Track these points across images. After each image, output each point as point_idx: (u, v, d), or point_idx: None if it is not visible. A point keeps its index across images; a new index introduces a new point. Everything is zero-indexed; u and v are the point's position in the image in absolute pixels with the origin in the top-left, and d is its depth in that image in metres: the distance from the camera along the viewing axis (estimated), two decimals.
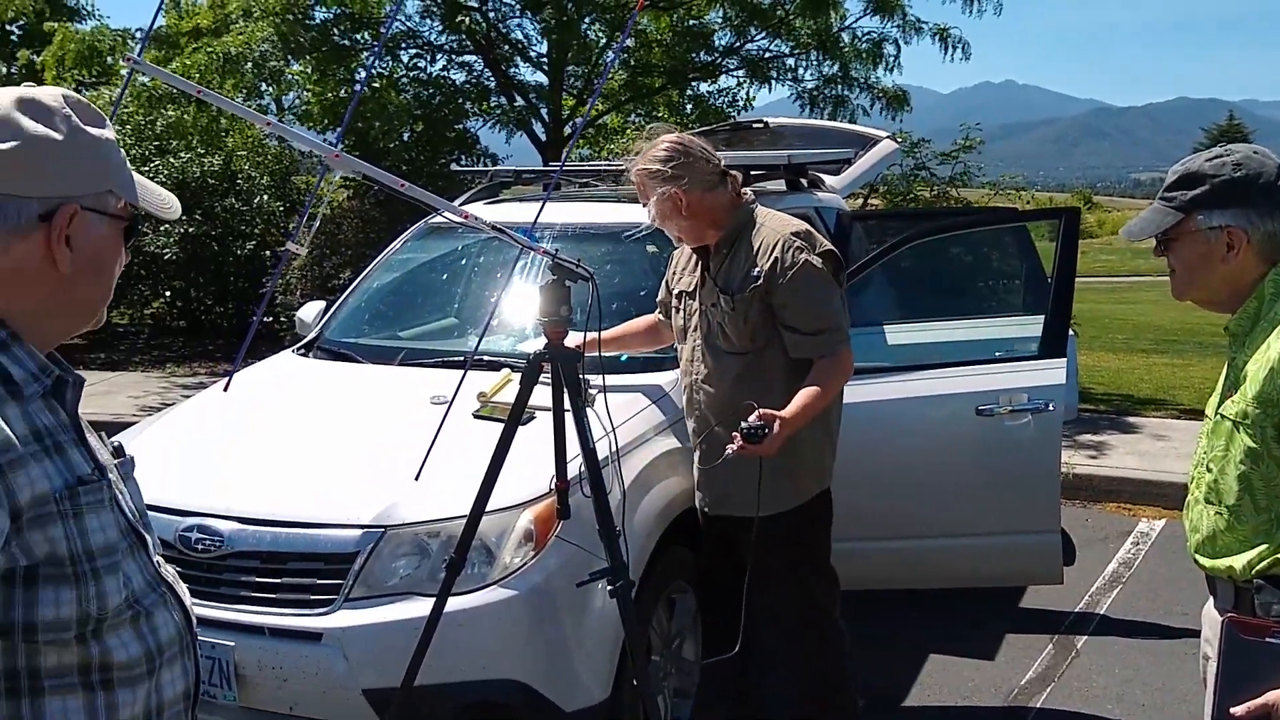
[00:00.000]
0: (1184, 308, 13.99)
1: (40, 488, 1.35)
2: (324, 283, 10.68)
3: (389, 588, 3.22)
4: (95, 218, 1.47)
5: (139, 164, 11.35)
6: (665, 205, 3.43)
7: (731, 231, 3.49)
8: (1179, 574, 5.58)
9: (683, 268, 3.71)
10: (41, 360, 1.44)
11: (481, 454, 3.11)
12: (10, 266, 1.42)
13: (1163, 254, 2.32)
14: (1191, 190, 2.22)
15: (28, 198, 1.41)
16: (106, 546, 1.42)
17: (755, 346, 3.44)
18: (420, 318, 4.96)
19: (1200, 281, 2.27)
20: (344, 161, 2.72)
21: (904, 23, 11.29)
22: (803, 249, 3.40)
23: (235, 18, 10.48)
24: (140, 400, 9.17)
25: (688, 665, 3.90)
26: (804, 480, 3.49)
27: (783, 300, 3.38)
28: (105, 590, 1.40)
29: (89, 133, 1.47)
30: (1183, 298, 2.34)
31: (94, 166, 1.48)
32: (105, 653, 1.41)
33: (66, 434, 1.44)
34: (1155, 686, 4.49)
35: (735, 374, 3.45)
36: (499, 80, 12.05)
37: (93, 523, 1.40)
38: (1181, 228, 2.24)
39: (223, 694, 3.24)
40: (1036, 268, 4.98)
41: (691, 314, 3.59)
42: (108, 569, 1.41)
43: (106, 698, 1.41)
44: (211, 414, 4.13)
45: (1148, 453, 7.68)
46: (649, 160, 3.46)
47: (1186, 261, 2.26)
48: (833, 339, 3.39)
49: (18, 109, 1.42)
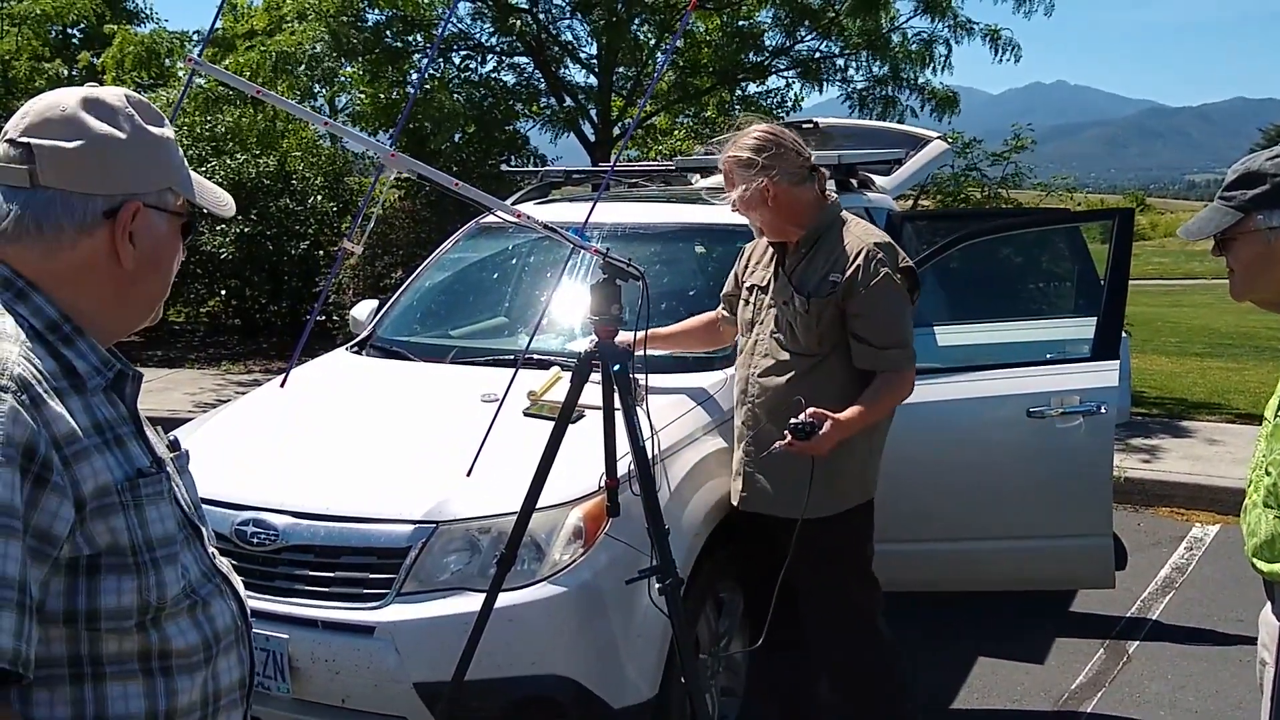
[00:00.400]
0: (1239, 311, 13.74)
1: (103, 479, 1.38)
2: (376, 282, 10.79)
3: (440, 583, 3.25)
4: (156, 214, 1.51)
5: (196, 164, 11.53)
6: (753, 196, 3.37)
7: (813, 231, 3.44)
8: (1233, 580, 5.51)
9: (756, 261, 3.66)
10: (104, 354, 1.48)
11: (532, 451, 3.13)
12: (77, 262, 1.46)
13: (1220, 254, 2.28)
14: (1252, 189, 2.19)
15: (93, 195, 1.45)
16: (165, 537, 1.45)
17: (822, 351, 3.40)
18: (471, 316, 5.01)
19: (1260, 282, 2.24)
20: (399, 161, 2.76)
21: (954, 23, 11.21)
22: (885, 262, 3.35)
23: (290, 19, 10.62)
24: (196, 397, 9.32)
25: (735, 664, 3.91)
26: (846, 488, 3.45)
27: (857, 310, 3.34)
28: (164, 580, 1.44)
29: (151, 131, 1.51)
30: (1241, 298, 2.31)
31: (155, 164, 1.52)
32: (164, 640, 1.44)
33: (126, 427, 1.47)
34: (1209, 693, 4.44)
35: (797, 375, 3.42)
36: (549, 81, 12.11)
37: (152, 514, 1.44)
38: (1240, 227, 2.20)
39: (276, 686, 3.29)
40: (1089, 269, 4.93)
41: (761, 309, 3.55)
42: (167, 559, 1.45)
43: (166, 684, 1.45)
44: (267, 410, 4.20)
45: (1201, 457, 7.58)
46: (740, 148, 3.39)
47: (1245, 262, 2.23)
48: (900, 357, 3.36)
49: (84, 109, 1.46)
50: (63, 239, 1.45)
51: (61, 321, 1.45)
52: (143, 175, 1.49)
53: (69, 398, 1.40)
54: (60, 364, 1.43)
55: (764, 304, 3.54)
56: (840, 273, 3.36)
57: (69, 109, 1.46)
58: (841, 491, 3.43)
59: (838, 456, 3.29)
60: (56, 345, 1.44)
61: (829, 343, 3.40)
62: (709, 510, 3.62)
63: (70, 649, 1.38)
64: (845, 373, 3.40)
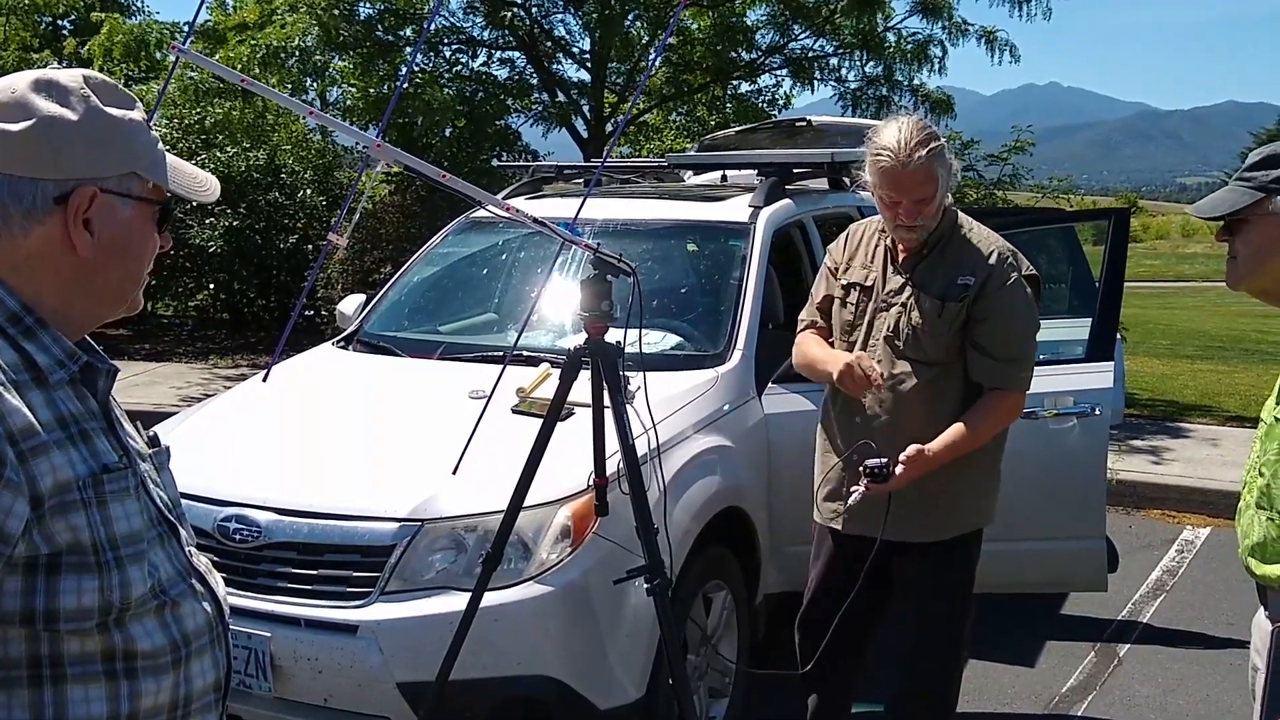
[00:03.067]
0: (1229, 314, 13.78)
1: (63, 475, 1.33)
2: (365, 276, 10.73)
3: (425, 581, 3.21)
4: (118, 200, 1.44)
5: (185, 157, 11.43)
6: (945, 185, 3.12)
7: (938, 232, 3.22)
8: (1224, 583, 5.48)
9: (851, 257, 3.37)
10: (68, 346, 1.42)
11: (520, 449, 3.08)
12: (30, 251, 1.40)
13: (1226, 238, 2.25)
14: (1275, 170, 2.18)
15: (43, 179, 1.38)
16: (130, 535, 1.40)
17: (949, 359, 3.19)
18: (460, 312, 4.96)
19: (1266, 268, 2.21)
20: (386, 152, 2.71)
21: (950, 24, 11.18)
22: (1015, 267, 3.18)
23: (280, 11, 10.55)
24: (182, 391, 9.25)
25: (723, 665, 3.87)
26: (964, 513, 3.29)
27: (984, 314, 3.14)
28: (129, 579, 1.38)
29: (109, 114, 1.44)
30: (1239, 286, 2.27)
31: (115, 148, 1.44)
32: (129, 641, 1.39)
33: (94, 422, 1.42)
34: (1199, 697, 4.41)
35: (919, 383, 3.19)
36: (541, 76, 12.07)
37: (116, 511, 1.39)
38: (1257, 208, 2.18)
39: (258, 684, 3.24)
40: (1084, 270, 4.91)
41: (865, 311, 3.29)
42: (131, 558, 1.39)
43: (130, 686, 1.39)
44: (251, 405, 4.15)
45: (1193, 459, 7.57)
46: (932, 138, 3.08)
47: (1256, 245, 2.20)
48: (1019, 372, 3.18)
49: (33, 90, 1.40)
50: (11, 226, 1.38)
51: (23, 314, 1.40)
52: (99, 159, 1.42)
53: (29, 391, 1.35)
54: (21, 357, 1.37)
55: (868, 306, 3.28)
56: (971, 275, 3.16)
57: (19, 91, 1.40)
58: (959, 515, 3.28)
59: (952, 480, 3.16)
60: (17, 338, 1.38)
61: (955, 350, 3.19)
62: (699, 509, 3.59)
63: (29, 650, 1.33)
64: (966, 385, 3.21)
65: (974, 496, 3.31)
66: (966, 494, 3.28)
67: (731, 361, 4.12)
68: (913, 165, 3.02)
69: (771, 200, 4.71)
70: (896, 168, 3.04)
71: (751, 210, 4.62)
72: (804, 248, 4.90)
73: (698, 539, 3.57)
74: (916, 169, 3.03)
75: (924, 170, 3.04)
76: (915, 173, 3.04)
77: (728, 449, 3.86)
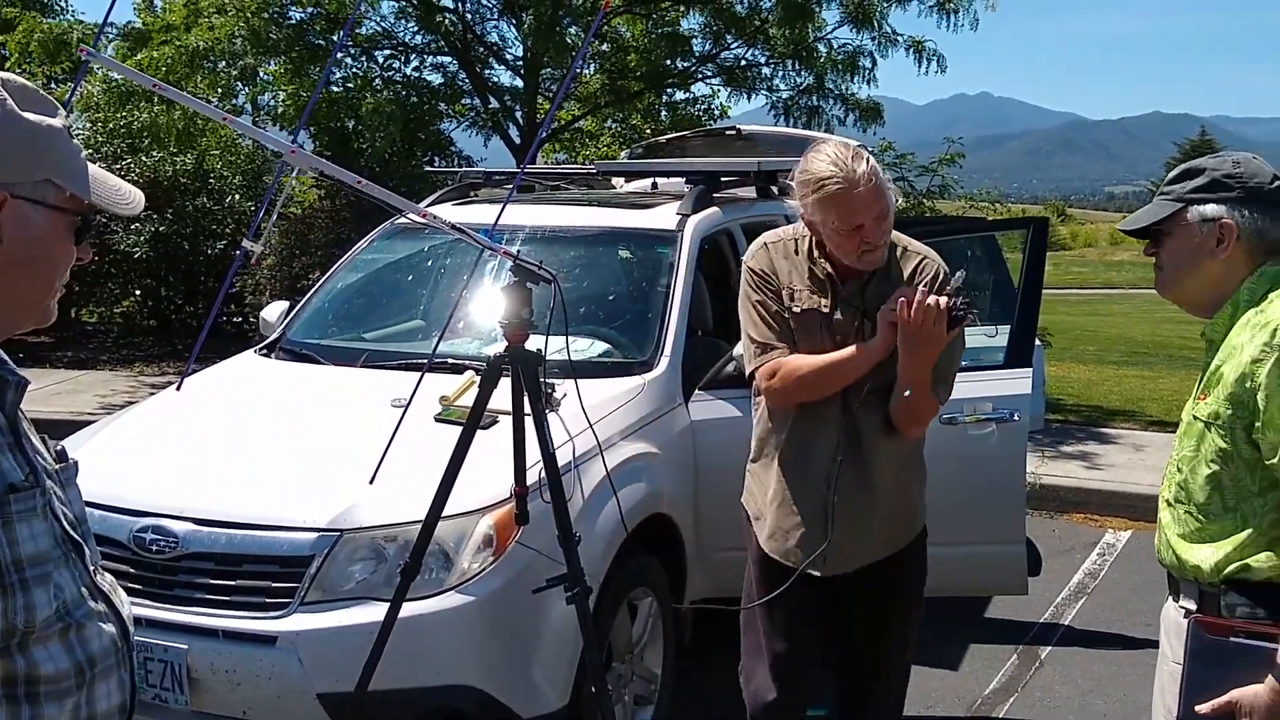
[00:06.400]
0: (1155, 320, 14.01)
1: None
2: (294, 283, 10.59)
3: (345, 592, 3.18)
4: (30, 208, 1.40)
5: (110, 161, 11.25)
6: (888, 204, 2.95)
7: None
8: (1143, 585, 5.59)
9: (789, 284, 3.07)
10: None
11: (442, 458, 3.06)
12: None
13: (1153, 251, 2.37)
14: (1191, 181, 2.30)
15: None
16: (37, 556, 1.36)
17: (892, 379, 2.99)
18: (386, 319, 4.92)
19: (1187, 278, 2.32)
20: (301, 158, 2.69)
21: (879, 35, 11.30)
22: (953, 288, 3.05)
23: (207, 13, 10.40)
24: (106, 400, 9.08)
25: (649, 672, 3.87)
26: (918, 515, 3.24)
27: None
28: (34, 602, 1.35)
29: (25, 118, 1.40)
30: (1167, 294, 2.40)
31: (28, 154, 1.40)
32: (31, 665, 1.36)
33: (1, 438, 1.38)
34: (1116, 697, 4.50)
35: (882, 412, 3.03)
36: (473, 82, 12.01)
37: (23, 531, 1.34)
38: (1176, 219, 2.30)
39: (174, 698, 3.19)
40: (1004, 277, 4.98)
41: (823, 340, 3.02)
42: (37, 580, 1.35)
43: (31, 711, 1.36)
44: (169, 414, 4.08)
45: (1115, 464, 7.71)
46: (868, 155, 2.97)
47: (1176, 255, 2.32)
48: (945, 392, 3.06)
49: None
50: None
51: None
52: (11, 164, 1.38)
53: None
54: None
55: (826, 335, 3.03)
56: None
57: None
58: (917, 517, 3.24)
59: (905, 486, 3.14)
60: None
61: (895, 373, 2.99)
62: (625, 516, 3.59)
63: None
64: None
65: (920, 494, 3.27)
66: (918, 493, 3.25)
67: (659, 368, 4.13)
68: (862, 182, 2.86)
69: (699, 208, 4.72)
70: (848, 189, 2.85)
71: (679, 218, 4.64)
72: (732, 255, 4.93)
73: (623, 546, 3.57)
74: (867, 185, 2.87)
75: (874, 185, 2.89)
76: (867, 190, 2.87)
77: (654, 455, 3.87)
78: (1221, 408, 2.18)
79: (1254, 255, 2.26)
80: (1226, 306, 2.27)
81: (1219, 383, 2.20)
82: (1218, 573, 2.20)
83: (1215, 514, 2.21)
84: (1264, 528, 2.16)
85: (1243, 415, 2.15)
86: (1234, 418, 2.16)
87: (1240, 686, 2.11)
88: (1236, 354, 2.18)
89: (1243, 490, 2.18)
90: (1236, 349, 2.19)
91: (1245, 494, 2.18)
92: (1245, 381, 2.14)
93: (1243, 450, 2.16)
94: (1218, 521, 2.21)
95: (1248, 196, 2.25)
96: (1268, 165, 2.30)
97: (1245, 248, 2.25)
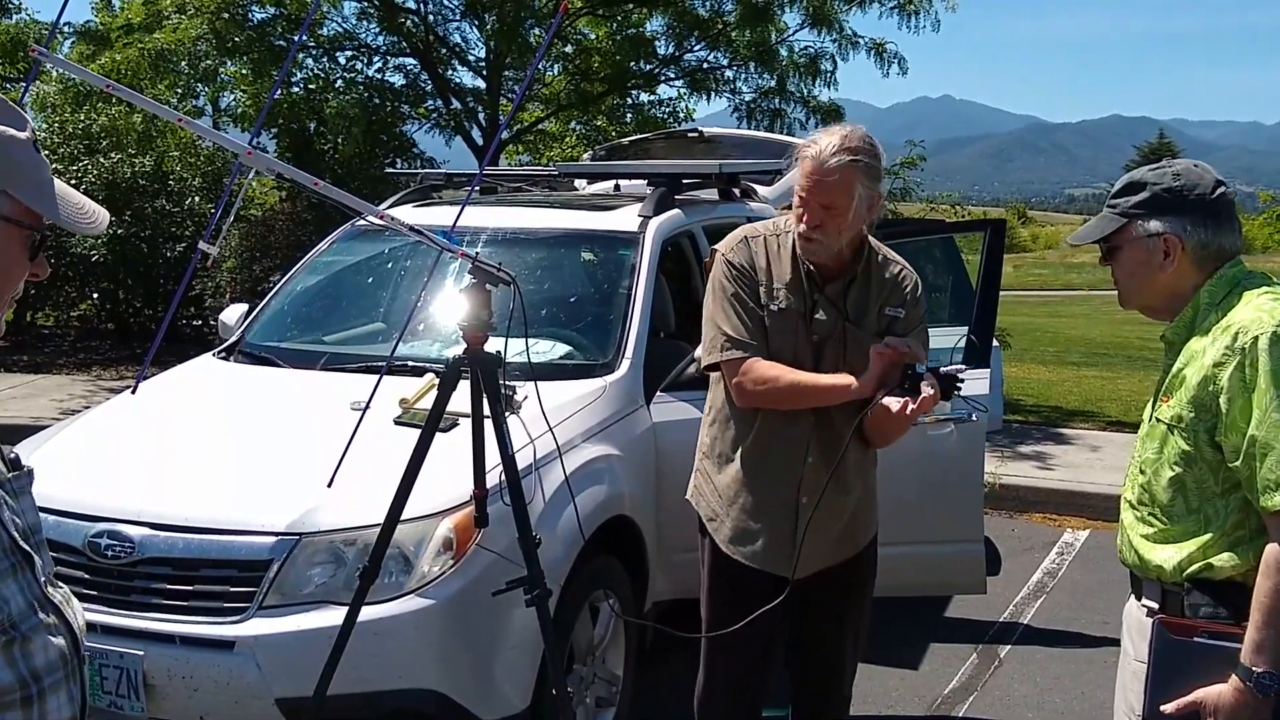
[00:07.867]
0: (1114, 322, 14.18)
1: None
2: (254, 286, 10.52)
3: (304, 596, 3.16)
4: None
5: (67, 163, 11.12)
6: (864, 206, 2.90)
7: (860, 254, 3.03)
8: (1102, 584, 5.65)
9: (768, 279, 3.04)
10: None
11: (402, 461, 3.05)
12: None
13: (1108, 263, 2.39)
14: (1134, 196, 2.31)
15: None
16: None
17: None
18: (346, 321, 4.89)
19: (1141, 289, 2.35)
20: (258, 159, 2.67)
21: (840, 37, 11.36)
22: (922, 299, 3.09)
23: (168, 13, 10.31)
24: (64, 404, 8.96)
25: (611, 674, 3.87)
26: (875, 516, 3.28)
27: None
28: None
29: None
30: (1127, 305, 2.43)
31: None
32: None
33: None
34: (1074, 695, 4.54)
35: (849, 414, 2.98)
36: (436, 83, 11.98)
37: None
38: (1123, 234, 2.32)
39: (130, 705, 3.16)
40: (962, 279, 5.03)
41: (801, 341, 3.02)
42: None
43: None
44: (126, 418, 4.03)
45: (1074, 464, 7.78)
46: (864, 151, 2.88)
47: (1128, 268, 2.34)
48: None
49: None
50: None
51: None
52: None
53: None
54: None
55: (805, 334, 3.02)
56: (900, 307, 3.03)
57: None
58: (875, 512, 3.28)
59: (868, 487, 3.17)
60: None
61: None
62: (585, 518, 3.58)
63: None
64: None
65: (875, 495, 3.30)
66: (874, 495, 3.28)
67: (620, 370, 4.13)
68: (829, 165, 2.82)
69: (661, 210, 4.73)
70: (811, 164, 2.86)
71: (641, 220, 4.64)
72: (694, 257, 4.94)
73: (584, 548, 3.57)
74: (832, 171, 2.82)
75: (839, 177, 2.83)
76: (828, 176, 2.83)
77: (616, 457, 3.87)
78: (1184, 411, 2.21)
79: (1203, 265, 2.28)
80: (1187, 310, 2.29)
81: (1181, 385, 2.23)
82: (1180, 572, 2.22)
83: (1179, 515, 2.24)
84: (1227, 528, 2.19)
85: (1205, 418, 2.18)
86: (1197, 420, 2.19)
87: (1204, 686, 2.13)
88: (1198, 357, 2.20)
89: (1206, 492, 2.21)
90: (1198, 353, 2.21)
91: (1208, 495, 2.21)
92: (1208, 385, 2.17)
93: (1205, 453, 2.19)
94: (1181, 523, 2.24)
95: (1188, 207, 2.26)
96: (1210, 172, 2.30)
97: (1191, 259, 2.27)
